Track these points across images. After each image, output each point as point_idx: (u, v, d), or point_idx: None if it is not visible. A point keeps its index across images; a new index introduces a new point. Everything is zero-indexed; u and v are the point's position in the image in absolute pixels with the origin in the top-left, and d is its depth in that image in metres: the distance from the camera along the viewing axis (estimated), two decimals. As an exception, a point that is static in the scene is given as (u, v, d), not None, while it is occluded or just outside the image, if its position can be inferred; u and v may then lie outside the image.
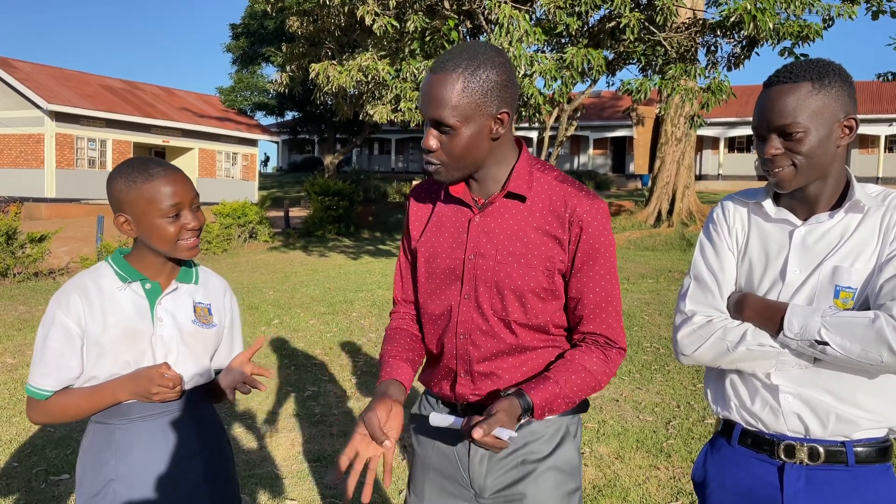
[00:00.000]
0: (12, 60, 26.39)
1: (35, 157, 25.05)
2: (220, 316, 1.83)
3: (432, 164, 1.54)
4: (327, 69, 10.90)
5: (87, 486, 1.68)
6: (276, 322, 7.71)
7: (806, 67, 1.48)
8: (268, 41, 32.16)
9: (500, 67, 1.48)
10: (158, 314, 1.71)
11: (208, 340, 1.78)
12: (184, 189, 1.66)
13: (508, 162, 1.58)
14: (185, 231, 1.68)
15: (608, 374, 1.57)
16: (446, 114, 1.46)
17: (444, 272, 1.62)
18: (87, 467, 1.70)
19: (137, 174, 1.64)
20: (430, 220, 1.68)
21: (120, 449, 1.67)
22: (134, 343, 1.67)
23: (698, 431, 4.39)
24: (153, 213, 1.64)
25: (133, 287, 1.70)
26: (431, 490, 1.68)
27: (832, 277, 1.49)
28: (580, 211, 1.52)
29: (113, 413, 1.68)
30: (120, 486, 1.66)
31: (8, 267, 10.30)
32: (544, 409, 1.48)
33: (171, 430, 1.71)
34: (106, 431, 1.68)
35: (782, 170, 1.50)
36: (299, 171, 43.01)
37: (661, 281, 10.56)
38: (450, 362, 1.63)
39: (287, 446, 4.22)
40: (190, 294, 1.78)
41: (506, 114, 1.50)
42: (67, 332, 1.64)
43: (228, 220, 15.90)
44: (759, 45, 10.67)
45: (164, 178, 1.64)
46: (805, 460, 1.52)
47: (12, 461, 3.97)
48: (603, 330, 1.57)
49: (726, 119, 32.61)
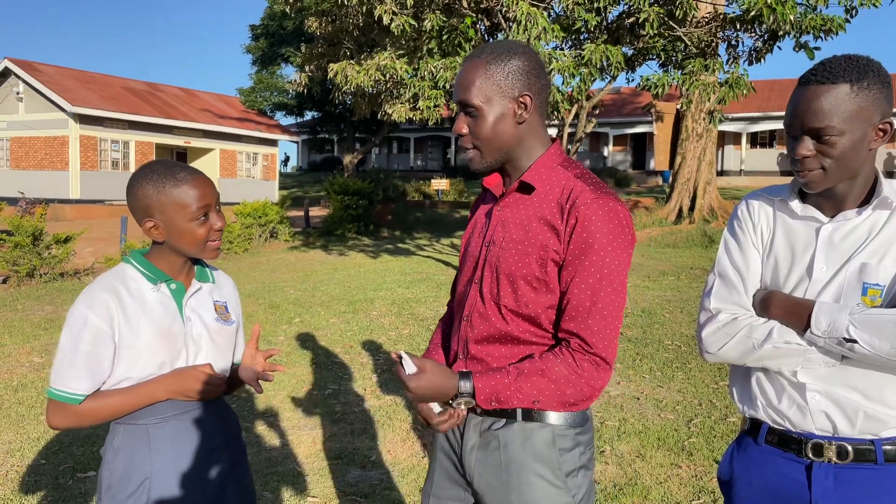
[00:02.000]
0: (37, 64, 26.79)
1: (60, 159, 25.42)
2: (236, 313, 1.90)
3: (466, 149, 1.63)
4: (346, 69, 10.94)
5: (120, 486, 1.68)
6: (297, 321, 7.76)
7: (845, 67, 1.42)
8: (287, 42, 32.34)
9: (523, 56, 1.58)
10: (187, 314, 1.74)
11: (230, 337, 1.84)
12: (210, 191, 1.70)
13: (535, 155, 1.63)
14: (212, 232, 1.71)
15: (576, 384, 1.49)
16: (470, 95, 1.56)
17: (468, 261, 1.71)
18: (118, 468, 1.70)
19: (165, 179, 1.66)
20: (474, 216, 1.80)
21: (155, 447, 1.69)
22: (169, 343, 1.69)
23: (720, 430, 4.35)
24: (184, 217, 1.67)
25: (161, 288, 1.73)
26: (440, 474, 1.73)
27: (860, 274, 1.46)
28: (580, 202, 1.50)
29: (144, 413, 1.69)
30: (156, 483, 1.68)
31: (34, 267, 10.46)
32: (490, 396, 1.51)
33: (199, 425, 1.75)
34: (139, 431, 1.70)
35: (812, 171, 1.47)
36: (319, 170, 43.20)
37: (683, 278, 10.48)
38: (455, 344, 1.70)
39: (308, 444, 4.25)
40: (209, 293, 1.83)
41: (528, 97, 1.57)
42: (100, 333, 1.63)
43: (249, 220, 16.02)
44: (781, 38, 10.53)
45: (191, 182, 1.67)
46: (833, 459, 1.50)
47: (40, 458, 4.04)
48: (581, 331, 1.49)
49: (748, 114, 32.24)
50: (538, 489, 1.54)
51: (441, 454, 1.73)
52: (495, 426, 1.58)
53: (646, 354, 6.17)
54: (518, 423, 1.56)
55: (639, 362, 5.93)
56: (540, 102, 1.60)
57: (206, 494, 1.73)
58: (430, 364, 1.51)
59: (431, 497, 1.73)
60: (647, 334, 6.89)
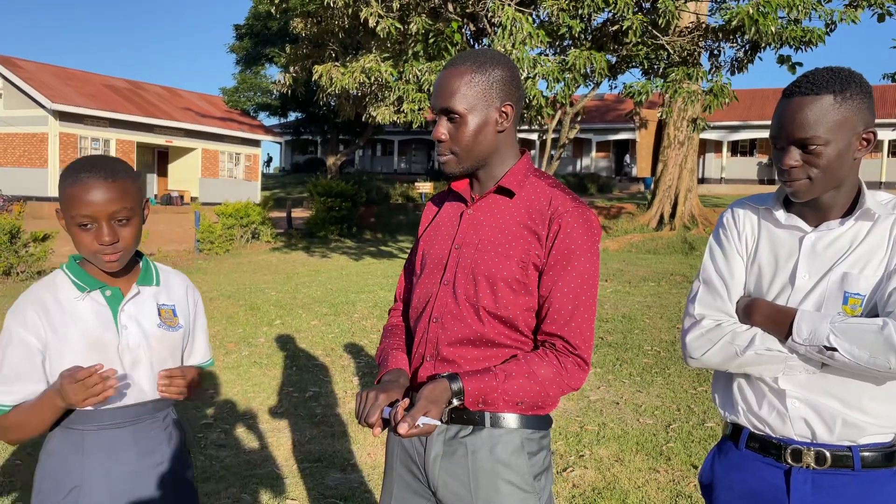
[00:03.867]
0: (17, 60, 26.45)
1: (39, 156, 25.10)
2: (185, 317, 1.78)
3: (443, 154, 1.64)
4: (330, 70, 10.91)
5: (49, 492, 1.62)
6: (277, 323, 7.72)
7: (829, 78, 1.46)
8: (271, 42, 32.24)
9: (504, 66, 1.62)
10: (122, 322, 1.64)
11: (176, 344, 1.73)
12: (102, 200, 1.55)
13: (508, 164, 1.67)
14: (100, 245, 1.58)
15: (560, 384, 1.53)
16: (454, 102, 1.58)
17: (432, 262, 1.69)
18: (48, 473, 1.63)
19: (68, 176, 1.57)
20: (434, 219, 1.78)
21: (88, 455, 1.61)
22: (100, 354, 1.60)
23: (698, 435, 4.38)
24: (70, 220, 1.58)
25: (93, 296, 1.64)
26: (400, 486, 1.70)
27: (841, 284, 1.49)
28: (562, 210, 1.56)
29: (82, 419, 1.62)
30: (85, 492, 1.61)
31: (11, 266, 10.32)
32: (478, 398, 1.51)
33: (141, 437, 1.66)
34: (74, 437, 1.62)
35: (799, 182, 1.49)
36: (302, 171, 43.04)
37: (663, 284, 10.56)
38: (420, 347, 1.66)
39: (288, 446, 4.23)
40: (153, 297, 1.71)
41: (510, 106, 1.61)
42: (27, 346, 1.58)
43: (231, 221, 15.91)
44: (762, 49, 10.68)
45: (85, 186, 1.54)
46: (812, 464, 1.52)
47: (14, 459, 3.98)
48: (564, 333, 1.54)
49: (729, 123, 32.61)
50: (507, 495, 1.54)
51: (399, 465, 1.70)
52: (462, 433, 1.58)
53: (626, 359, 6.20)
54: (486, 430, 1.56)
55: (619, 367, 5.97)
56: (517, 112, 1.64)
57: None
58: (426, 391, 1.48)
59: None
60: (627, 339, 6.93)
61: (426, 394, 1.47)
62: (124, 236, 1.60)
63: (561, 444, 4.25)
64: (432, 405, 1.44)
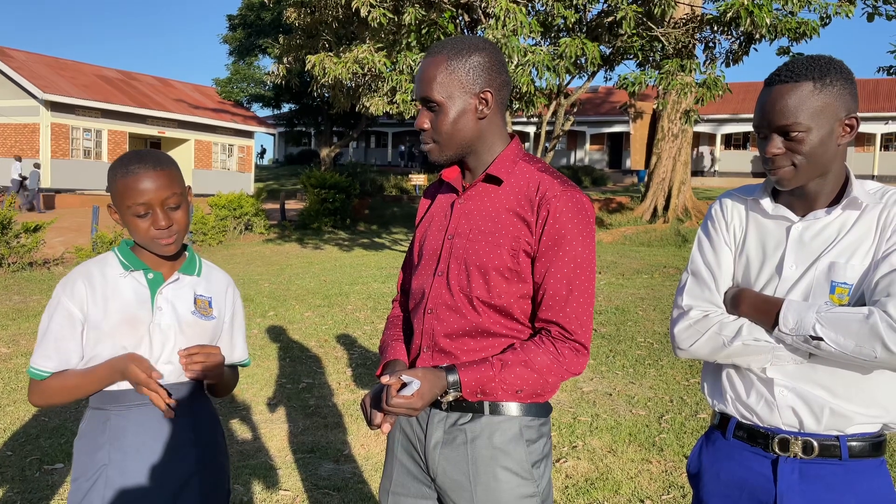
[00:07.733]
0: (8, 49, 26.23)
1: (30, 146, 24.93)
2: (221, 310, 1.85)
3: (426, 143, 1.63)
4: (324, 61, 10.87)
5: (82, 470, 1.70)
6: (271, 314, 7.71)
7: (807, 66, 1.47)
8: (265, 32, 32.04)
9: (484, 52, 1.60)
10: (158, 303, 1.73)
11: (206, 332, 1.79)
12: (156, 188, 1.66)
13: (496, 151, 1.65)
14: (158, 230, 1.68)
15: (558, 371, 1.54)
16: (431, 90, 1.58)
17: (427, 253, 1.70)
18: (82, 452, 1.72)
19: (119, 169, 1.67)
20: (429, 210, 1.78)
21: (114, 435, 1.69)
22: (132, 329, 1.69)
23: (691, 426, 4.41)
24: (126, 210, 1.68)
25: (135, 276, 1.74)
26: (400, 471, 1.70)
27: (828, 273, 1.49)
28: (549, 195, 1.55)
29: (109, 399, 1.70)
30: (113, 471, 1.68)
31: (2, 257, 10.27)
32: (476, 389, 1.51)
33: (165, 419, 1.72)
34: (102, 417, 1.71)
35: (783, 169, 1.50)
36: (295, 163, 42.88)
37: (656, 276, 10.59)
38: (417, 339, 1.67)
39: (281, 437, 4.23)
40: (192, 285, 1.80)
41: (489, 93, 1.59)
42: (70, 316, 1.69)
43: (224, 212, 15.86)
44: (757, 41, 10.68)
45: (137, 176, 1.65)
46: (799, 454, 1.53)
47: (6, 450, 3.97)
48: (560, 319, 1.54)
49: (722, 115, 32.65)
50: (505, 482, 1.55)
51: (400, 450, 1.71)
52: (461, 421, 1.58)
53: (619, 351, 6.22)
54: (486, 417, 1.56)
55: (612, 359, 5.99)
56: (501, 98, 1.62)
57: (165, 490, 1.70)
58: (420, 372, 1.50)
59: (391, 495, 1.71)
60: (620, 331, 6.96)
61: (426, 372, 1.50)
62: (177, 219, 1.70)
63: (554, 435, 4.26)
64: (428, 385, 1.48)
